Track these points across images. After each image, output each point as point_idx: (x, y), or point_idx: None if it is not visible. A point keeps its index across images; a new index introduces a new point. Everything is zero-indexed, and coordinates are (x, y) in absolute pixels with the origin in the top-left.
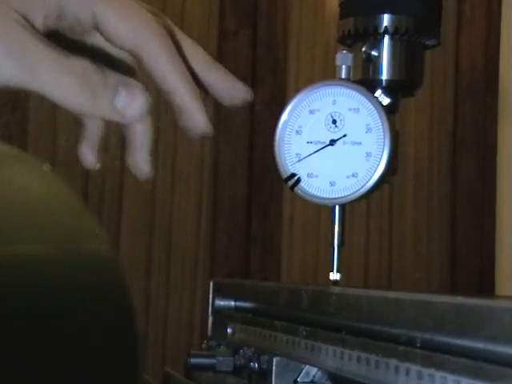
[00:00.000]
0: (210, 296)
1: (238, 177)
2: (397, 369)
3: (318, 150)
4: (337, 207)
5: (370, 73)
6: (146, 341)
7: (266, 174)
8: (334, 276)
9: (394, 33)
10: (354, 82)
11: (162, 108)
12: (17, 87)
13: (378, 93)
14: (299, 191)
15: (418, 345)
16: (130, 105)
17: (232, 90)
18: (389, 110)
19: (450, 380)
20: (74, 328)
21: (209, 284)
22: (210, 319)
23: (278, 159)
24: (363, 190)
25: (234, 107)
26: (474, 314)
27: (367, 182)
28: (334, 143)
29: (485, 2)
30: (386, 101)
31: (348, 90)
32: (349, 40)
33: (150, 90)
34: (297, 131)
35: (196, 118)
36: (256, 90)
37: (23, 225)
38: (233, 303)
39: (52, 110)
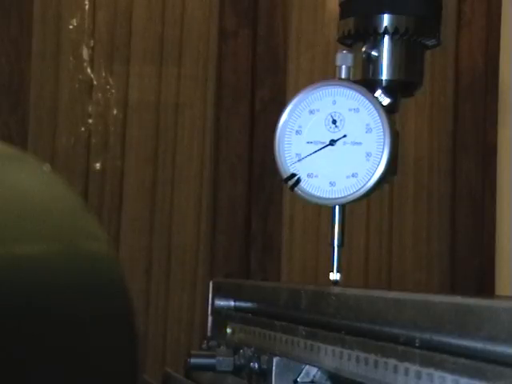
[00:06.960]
0: (210, 296)
1: (238, 177)
2: (396, 368)
3: (318, 150)
4: (337, 207)
5: (370, 73)
6: (146, 341)
7: (266, 174)
8: (334, 276)
9: (394, 33)
10: (354, 82)
11: (161, 108)
12: None
13: (378, 93)
14: (299, 191)
15: (417, 345)
16: None
17: None
18: (389, 110)
19: (449, 380)
20: (74, 328)
21: (209, 284)
22: (210, 319)
23: (278, 159)
24: (363, 190)
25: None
26: (474, 314)
27: (367, 182)
28: (334, 143)
29: (485, 2)
30: (386, 101)
31: (348, 90)
32: (349, 40)
33: (149, 91)
34: (297, 131)
35: None
36: (256, 89)
37: (23, 224)
38: (232, 303)
39: (52, 109)
